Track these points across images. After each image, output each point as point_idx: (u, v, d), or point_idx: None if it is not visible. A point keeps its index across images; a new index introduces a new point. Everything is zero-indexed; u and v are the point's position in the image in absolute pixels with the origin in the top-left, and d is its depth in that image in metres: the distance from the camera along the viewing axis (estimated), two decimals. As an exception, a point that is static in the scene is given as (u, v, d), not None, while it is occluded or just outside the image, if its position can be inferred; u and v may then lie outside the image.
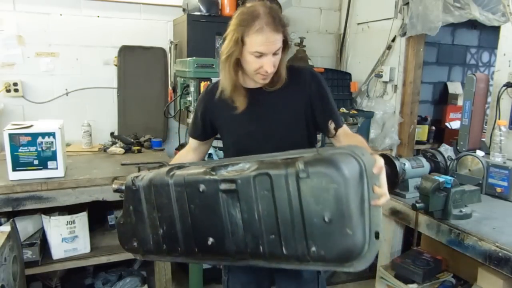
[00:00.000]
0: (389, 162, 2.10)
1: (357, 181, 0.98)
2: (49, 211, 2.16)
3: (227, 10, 2.86)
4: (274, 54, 1.32)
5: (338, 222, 0.98)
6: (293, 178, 1.01)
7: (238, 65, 1.39)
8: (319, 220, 0.99)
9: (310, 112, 1.46)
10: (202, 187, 1.17)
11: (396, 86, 3.10)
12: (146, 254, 1.37)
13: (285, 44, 1.38)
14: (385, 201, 1.01)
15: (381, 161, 1.03)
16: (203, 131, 1.58)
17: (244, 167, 1.14)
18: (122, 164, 1.38)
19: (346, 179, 0.96)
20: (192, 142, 1.63)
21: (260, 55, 1.30)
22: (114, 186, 1.42)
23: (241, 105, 1.43)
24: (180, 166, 1.31)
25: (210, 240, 1.19)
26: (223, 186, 1.13)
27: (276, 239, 1.08)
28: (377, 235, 0.99)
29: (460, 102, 3.90)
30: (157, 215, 1.28)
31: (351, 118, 3.00)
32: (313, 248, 1.02)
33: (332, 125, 1.45)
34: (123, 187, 1.37)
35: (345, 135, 1.47)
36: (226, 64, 1.37)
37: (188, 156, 1.64)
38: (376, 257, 1.29)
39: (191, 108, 2.36)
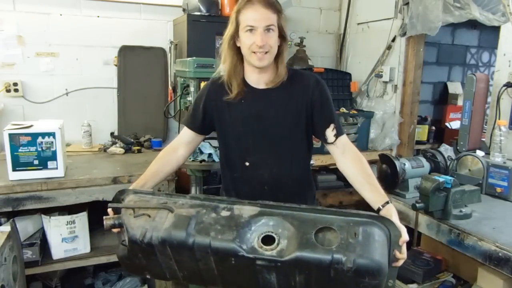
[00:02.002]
0: (389, 162, 2.10)
1: (386, 256, 1.10)
2: (49, 211, 2.16)
3: (227, 10, 2.86)
4: (267, 31, 1.35)
5: None
6: (337, 270, 1.04)
7: (242, 59, 1.46)
8: None
9: (310, 116, 1.48)
10: (233, 260, 1.11)
11: (396, 86, 3.10)
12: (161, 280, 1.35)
13: (281, 34, 1.41)
14: (402, 263, 1.16)
15: (405, 235, 1.15)
16: (203, 123, 1.56)
17: (270, 226, 1.12)
18: (110, 207, 1.26)
19: (385, 274, 1.07)
20: (187, 135, 1.59)
21: (251, 29, 1.35)
22: (108, 222, 1.26)
23: (236, 92, 1.45)
24: (191, 222, 1.17)
25: None
26: (259, 262, 1.09)
27: None
28: (390, 284, 1.15)
29: (460, 102, 3.90)
30: (175, 264, 1.21)
31: (351, 118, 3.00)
32: None
33: (333, 132, 1.46)
34: (117, 223, 1.25)
35: (347, 154, 1.45)
36: (226, 46, 1.44)
37: (180, 151, 1.59)
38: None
39: (191, 108, 2.35)
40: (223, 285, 1.22)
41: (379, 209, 1.29)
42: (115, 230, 1.28)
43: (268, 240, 1.10)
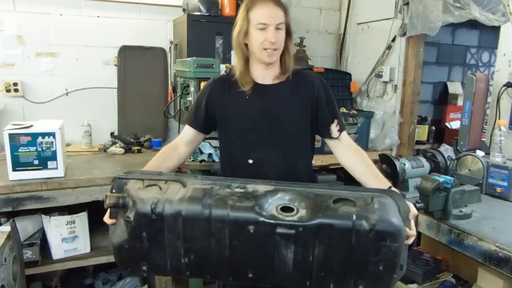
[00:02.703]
0: (389, 162, 2.10)
1: None
2: (49, 211, 2.16)
3: (227, 10, 2.86)
4: (277, 29, 1.40)
5: (390, 270, 1.09)
6: (359, 233, 1.05)
7: (247, 60, 1.49)
8: (374, 268, 1.09)
9: (315, 114, 1.52)
10: (252, 228, 1.07)
11: (396, 86, 3.10)
12: (157, 274, 1.30)
13: (288, 32, 1.46)
14: (413, 240, 1.18)
15: (414, 209, 1.20)
16: (205, 121, 1.56)
17: (286, 199, 1.12)
18: (119, 178, 1.12)
19: (404, 238, 1.09)
20: (189, 134, 1.58)
21: (264, 27, 1.39)
22: (110, 201, 1.14)
23: (248, 87, 1.48)
24: (208, 192, 1.13)
25: (250, 274, 1.14)
26: (279, 230, 1.07)
27: (326, 277, 1.12)
28: (401, 267, 1.13)
29: (460, 102, 3.90)
30: (182, 244, 1.12)
31: (351, 118, 3.00)
32: (361, 286, 1.11)
33: (337, 127, 1.51)
34: (121, 202, 1.14)
35: (349, 147, 1.53)
36: (238, 42, 1.47)
37: (179, 149, 1.57)
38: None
39: (191, 108, 2.35)
40: (231, 272, 1.15)
41: None
42: (107, 219, 1.19)
43: (286, 210, 1.09)
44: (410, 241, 1.16)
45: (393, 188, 1.34)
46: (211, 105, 1.54)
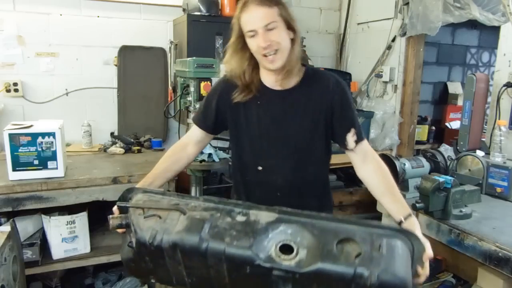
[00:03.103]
0: (389, 162, 2.10)
1: (410, 272, 1.03)
2: (49, 211, 2.16)
3: (227, 10, 2.86)
4: (268, 29, 1.27)
5: None
6: (359, 285, 0.98)
7: (256, 65, 1.39)
8: None
9: (330, 121, 1.39)
10: (248, 269, 1.04)
11: (396, 86, 3.10)
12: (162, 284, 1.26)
13: (289, 26, 1.32)
14: (424, 279, 1.09)
15: (430, 250, 1.09)
16: (215, 123, 1.48)
17: (288, 234, 1.05)
18: (118, 206, 1.17)
19: None
20: (198, 134, 1.52)
21: (253, 34, 1.28)
22: (115, 222, 1.18)
23: (246, 93, 1.38)
24: (205, 226, 1.10)
25: None
26: (276, 272, 1.01)
27: None
28: None
29: (460, 102, 3.90)
30: (183, 269, 1.13)
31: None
32: None
33: (353, 138, 1.37)
34: (124, 223, 1.17)
35: (366, 159, 1.38)
36: (232, 51, 1.37)
37: (189, 149, 1.52)
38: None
39: (191, 108, 2.35)
40: None
41: (401, 222, 1.23)
42: (120, 230, 1.22)
43: (286, 249, 1.03)
44: (421, 280, 1.08)
45: (412, 218, 1.23)
46: (222, 106, 1.45)
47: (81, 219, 2.19)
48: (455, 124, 3.74)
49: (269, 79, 1.40)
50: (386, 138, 3.07)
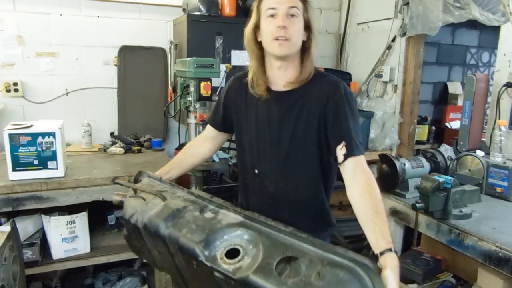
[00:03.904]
0: (389, 162, 2.10)
1: None
2: (49, 211, 2.16)
3: (227, 10, 2.86)
4: (290, 15, 1.24)
5: None
6: None
7: (263, 62, 1.35)
8: None
9: (324, 130, 1.29)
10: (194, 263, 1.08)
11: (396, 86, 3.10)
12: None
13: (308, 26, 1.29)
14: None
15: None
16: (223, 121, 1.50)
17: (244, 239, 1.05)
18: (115, 182, 1.31)
19: None
20: (210, 131, 1.56)
21: (273, 12, 1.24)
22: (117, 197, 1.34)
23: (260, 90, 1.34)
24: (176, 213, 1.17)
25: None
26: (216, 274, 1.03)
27: None
28: None
29: (460, 102, 3.90)
30: (158, 255, 1.23)
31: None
32: None
33: (342, 150, 1.23)
34: (124, 199, 1.32)
35: (356, 180, 1.20)
36: (248, 40, 1.33)
37: (205, 144, 1.57)
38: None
39: (191, 108, 2.35)
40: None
41: (377, 256, 1.05)
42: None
43: (234, 253, 1.03)
44: None
45: (390, 254, 1.04)
46: (228, 104, 1.46)
47: (81, 219, 2.19)
48: (455, 124, 3.74)
49: (272, 76, 1.34)
50: (386, 138, 3.07)
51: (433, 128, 3.76)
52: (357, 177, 1.21)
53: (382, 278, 0.93)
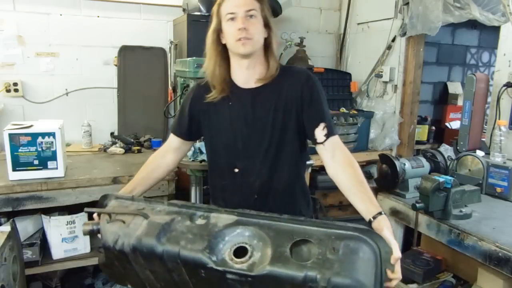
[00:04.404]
0: (389, 162, 2.10)
1: (373, 275, 0.98)
2: (49, 211, 2.16)
3: (227, 10, 2.86)
4: (249, 17, 1.32)
5: None
6: (311, 287, 0.95)
7: (227, 58, 1.41)
8: None
9: (300, 116, 1.39)
10: (203, 272, 1.04)
11: (396, 86, 3.10)
12: None
13: (266, 24, 1.37)
14: (397, 283, 1.05)
15: (397, 252, 1.04)
16: (189, 129, 1.50)
17: (246, 236, 1.04)
18: (86, 212, 1.23)
19: None
20: (175, 141, 1.53)
21: (232, 16, 1.32)
22: (86, 228, 1.23)
23: (219, 90, 1.40)
24: (166, 228, 1.12)
25: None
26: (229, 276, 1.02)
27: None
28: None
29: (460, 102, 3.90)
30: (151, 274, 1.16)
31: (351, 118, 3.00)
32: None
33: (323, 131, 1.34)
34: (95, 230, 1.23)
35: (336, 157, 1.32)
36: (209, 42, 1.40)
37: (168, 156, 1.54)
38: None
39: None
40: None
41: (370, 221, 1.16)
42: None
43: (241, 251, 1.03)
44: (393, 284, 1.03)
45: (381, 216, 1.15)
46: (194, 111, 1.47)
47: (81, 219, 2.19)
48: (455, 124, 3.74)
49: (241, 76, 1.41)
50: (386, 138, 3.07)
51: (433, 128, 3.76)
52: (337, 155, 1.32)
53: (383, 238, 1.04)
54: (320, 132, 1.34)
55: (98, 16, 2.91)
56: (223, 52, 1.40)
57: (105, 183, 2.12)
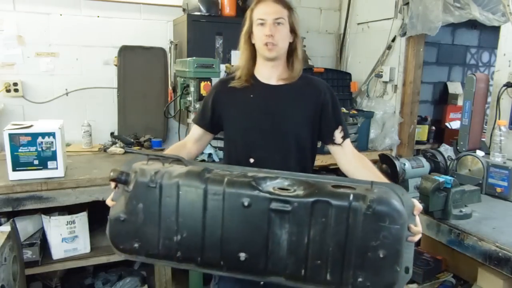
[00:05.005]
0: (389, 162, 2.10)
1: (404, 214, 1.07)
2: (49, 211, 2.16)
3: (227, 10, 2.86)
4: (277, 24, 1.43)
5: (391, 259, 1.04)
6: (357, 212, 1.03)
7: (255, 57, 1.52)
8: (374, 255, 1.04)
9: (318, 119, 1.52)
10: (247, 201, 1.08)
11: (396, 86, 3.10)
12: (148, 257, 1.19)
13: (293, 30, 1.48)
14: (419, 238, 1.13)
15: (419, 204, 1.15)
16: (211, 121, 1.58)
17: (285, 184, 1.12)
18: (127, 152, 1.19)
19: (405, 221, 1.06)
20: (197, 132, 1.62)
21: (262, 22, 1.44)
22: (113, 174, 1.16)
23: (244, 80, 1.51)
24: (208, 169, 1.16)
25: (243, 256, 1.10)
26: (274, 205, 1.07)
27: (322, 265, 1.07)
28: (407, 270, 1.07)
29: (460, 102, 3.90)
30: (176, 219, 1.13)
31: (351, 118, 3.00)
32: (360, 279, 1.05)
33: (341, 133, 1.51)
34: (123, 177, 1.16)
35: (354, 155, 1.51)
36: (242, 42, 1.52)
37: (187, 147, 1.60)
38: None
39: (191, 108, 2.36)
40: (224, 253, 1.12)
41: None
42: (113, 185, 1.22)
43: (284, 190, 1.10)
44: (416, 238, 1.11)
45: None
46: (217, 104, 1.56)
47: (81, 219, 2.19)
48: (455, 124, 3.74)
49: (265, 73, 1.52)
50: (386, 138, 3.07)
51: (433, 128, 3.76)
52: (352, 153, 1.53)
53: None
54: (338, 134, 1.51)
55: (98, 16, 2.91)
56: (253, 50, 1.52)
57: (105, 183, 2.12)
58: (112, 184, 1.23)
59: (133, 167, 1.19)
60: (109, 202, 1.26)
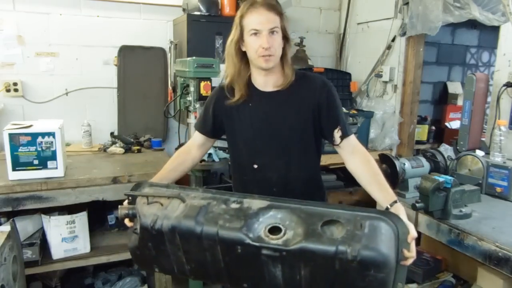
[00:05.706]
0: (389, 162, 2.10)
1: (394, 251, 1.09)
2: (49, 211, 2.16)
3: (227, 10, 2.86)
4: (271, 33, 1.38)
5: None
6: (342, 260, 1.04)
7: (247, 63, 1.48)
8: None
9: (318, 119, 1.49)
10: (239, 248, 1.13)
11: (396, 86, 3.10)
12: (169, 274, 1.37)
13: (284, 36, 1.44)
14: (412, 261, 1.14)
15: (414, 231, 1.15)
16: (213, 127, 1.59)
17: (278, 218, 1.14)
18: (125, 194, 1.30)
19: (392, 268, 1.07)
20: (199, 138, 1.63)
21: (256, 32, 1.38)
22: (123, 212, 1.28)
23: (239, 95, 1.48)
24: (205, 208, 1.21)
25: (245, 284, 1.20)
26: (265, 252, 1.10)
27: None
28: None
29: (460, 102, 3.90)
30: (182, 255, 1.23)
31: (351, 118, 3.00)
32: None
33: (338, 133, 1.48)
34: (130, 212, 1.28)
35: (354, 153, 1.48)
36: (231, 51, 1.46)
37: (192, 152, 1.64)
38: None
39: (191, 108, 2.35)
40: (229, 281, 1.23)
41: (387, 208, 1.31)
42: (127, 222, 1.32)
43: (274, 230, 1.12)
44: (408, 262, 1.13)
45: (397, 204, 1.32)
46: (217, 111, 1.56)
47: (81, 219, 2.19)
48: (455, 124, 3.74)
49: (260, 80, 1.49)
50: (386, 138, 3.07)
51: (433, 128, 3.76)
52: (356, 151, 1.49)
53: None
54: (336, 134, 1.49)
55: (98, 16, 2.91)
56: (245, 58, 1.48)
57: (105, 183, 2.13)
58: (126, 221, 1.32)
59: (137, 206, 1.28)
60: (127, 223, 1.33)
